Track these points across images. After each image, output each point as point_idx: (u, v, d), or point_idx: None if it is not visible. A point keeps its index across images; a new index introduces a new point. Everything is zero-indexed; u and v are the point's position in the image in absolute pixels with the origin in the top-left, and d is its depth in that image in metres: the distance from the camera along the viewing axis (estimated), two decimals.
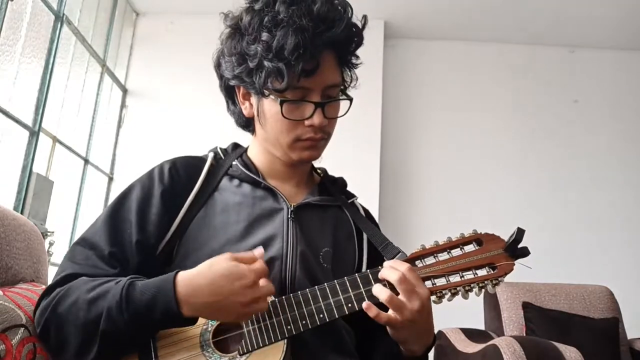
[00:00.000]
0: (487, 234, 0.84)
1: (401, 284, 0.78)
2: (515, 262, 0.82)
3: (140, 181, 0.94)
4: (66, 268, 0.85)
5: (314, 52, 0.85)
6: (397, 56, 3.85)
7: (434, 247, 0.84)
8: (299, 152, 0.94)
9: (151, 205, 0.90)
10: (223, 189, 0.95)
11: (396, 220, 3.55)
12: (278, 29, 0.85)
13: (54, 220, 2.80)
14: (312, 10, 0.86)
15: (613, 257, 3.51)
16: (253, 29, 0.88)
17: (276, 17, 0.86)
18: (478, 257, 0.82)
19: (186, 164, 0.97)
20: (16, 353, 0.77)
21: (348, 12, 0.91)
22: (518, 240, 0.82)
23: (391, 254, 0.92)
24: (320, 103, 0.89)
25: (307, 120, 0.90)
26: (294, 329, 0.79)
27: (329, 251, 0.94)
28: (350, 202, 1.06)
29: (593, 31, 3.76)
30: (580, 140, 3.78)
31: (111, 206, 0.91)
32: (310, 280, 0.88)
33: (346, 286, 0.82)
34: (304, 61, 0.85)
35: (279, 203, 0.95)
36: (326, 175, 1.09)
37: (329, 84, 0.90)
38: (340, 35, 0.88)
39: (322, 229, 0.97)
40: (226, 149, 1.05)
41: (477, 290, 0.81)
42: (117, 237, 0.87)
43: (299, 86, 0.88)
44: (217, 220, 0.91)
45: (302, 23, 0.85)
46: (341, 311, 0.80)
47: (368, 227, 1.01)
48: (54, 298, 0.80)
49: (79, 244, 0.87)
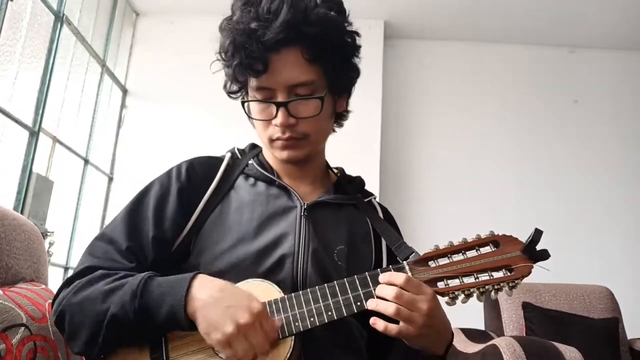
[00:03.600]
0: (504, 236, 0.82)
1: (399, 299, 0.76)
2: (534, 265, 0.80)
3: (159, 179, 0.96)
4: (85, 261, 0.87)
5: (257, 52, 0.85)
6: (397, 56, 3.85)
7: (448, 248, 0.82)
8: (278, 151, 0.95)
9: (168, 202, 0.92)
10: (239, 187, 0.97)
11: (396, 218, 3.53)
12: (224, 33, 0.90)
13: (54, 220, 2.80)
14: (255, 13, 0.87)
15: (613, 257, 3.51)
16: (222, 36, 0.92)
17: (229, 22, 0.90)
18: (495, 258, 0.80)
19: (203, 163, 0.99)
20: (16, 352, 0.77)
21: (309, 6, 0.88)
22: (535, 241, 0.79)
23: (404, 254, 0.91)
24: (280, 103, 0.89)
25: (273, 120, 0.91)
26: (302, 326, 0.79)
27: (344, 249, 0.94)
28: (368, 202, 1.05)
29: (593, 31, 3.76)
30: (580, 140, 3.77)
31: (130, 203, 0.94)
32: (323, 278, 0.87)
33: (356, 284, 0.81)
34: (248, 61, 0.86)
35: (293, 201, 0.95)
36: (343, 175, 1.08)
37: (293, 83, 0.88)
38: (295, 31, 0.86)
39: (336, 227, 0.96)
40: (244, 149, 1.06)
41: (493, 292, 0.79)
42: (135, 232, 0.89)
43: (263, 87, 0.89)
44: (231, 218, 0.92)
45: (241, 27, 0.86)
46: (349, 310, 0.80)
47: (382, 227, 1.00)
48: (72, 289, 0.82)
49: (98, 239, 0.90)
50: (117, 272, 0.83)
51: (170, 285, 0.78)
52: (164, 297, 0.77)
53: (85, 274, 0.84)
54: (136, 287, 0.78)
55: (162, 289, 0.78)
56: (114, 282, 0.80)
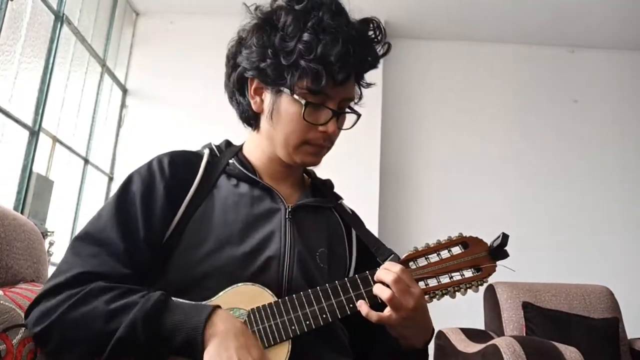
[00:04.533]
0: (471, 237, 0.89)
1: (396, 284, 0.80)
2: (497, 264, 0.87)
3: (138, 174, 0.92)
4: (74, 265, 0.80)
5: (352, 65, 0.89)
6: (397, 56, 3.85)
7: (425, 249, 0.88)
8: (302, 155, 0.95)
9: (155, 199, 0.89)
10: (221, 187, 0.95)
11: (396, 219, 3.54)
12: (325, 34, 0.88)
13: (54, 220, 2.80)
14: (355, 25, 0.92)
15: (613, 257, 3.51)
16: (294, 28, 0.89)
17: (321, 23, 0.89)
18: (465, 259, 0.87)
19: (184, 159, 0.96)
20: (17, 353, 0.77)
21: (381, 36, 0.96)
22: (503, 245, 0.86)
23: (385, 255, 0.94)
24: (337, 112, 0.92)
25: (321, 126, 0.91)
26: (299, 330, 0.80)
27: (325, 251, 0.96)
28: (339, 204, 1.07)
29: (593, 31, 3.76)
30: (580, 141, 3.77)
31: (115, 202, 0.88)
32: (307, 280, 0.89)
33: (347, 287, 0.84)
34: (345, 70, 0.88)
35: (277, 203, 0.95)
36: (315, 177, 1.10)
37: (348, 97, 0.95)
38: (373, 56, 0.94)
39: (317, 230, 0.98)
40: (219, 145, 1.04)
41: (464, 290, 0.86)
42: (128, 233, 0.85)
43: (325, 92, 0.90)
44: (215, 218, 0.91)
45: (352, 34, 0.89)
46: (343, 312, 0.83)
47: (360, 228, 1.03)
48: (64, 302, 0.76)
49: (83, 240, 0.84)
50: (119, 287, 0.78)
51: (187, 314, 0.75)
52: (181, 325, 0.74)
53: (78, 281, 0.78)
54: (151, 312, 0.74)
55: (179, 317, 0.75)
56: (119, 301, 0.76)
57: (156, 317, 0.74)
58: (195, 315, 0.75)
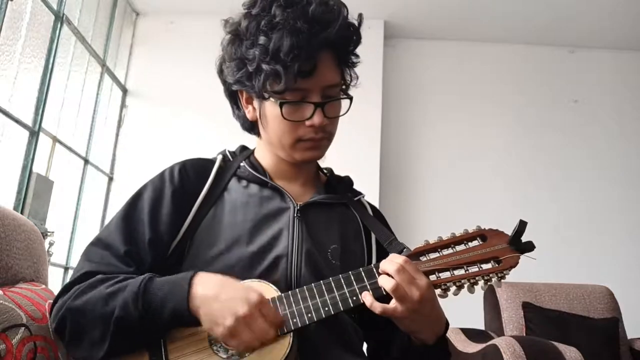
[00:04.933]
0: (490, 230, 0.85)
1: (399, 274, 0.79)
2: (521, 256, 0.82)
3: (151, 182, 0.97)
4: (83, 267, 0.87)
5: (310, 53, 0.87)
6: (397, 56, 3.85)
7: (438, 242, 0.85)
8: (301, 152, 0.95)
9: (163, 205, 0.93)
10: (231, 189, 0.97)
11: (396, 219, 3.53)
12: (274, 32, 0.87)
13: (54, 220, 2.80)
14: (307, 12, 0.88)
15: (613, 257, 3.51)
16: (250, 34, 0.90)
17: (272, 21, 0.88)
18: (482, 251, 0.83)
19: (196, 165, 0.99)
20: (16, 352, 0.77)
21: (343, 12, 0.92)
22: (520, 232, 0.82)
23: (396, 249, 0.93)
24: (319, 103, 0.91)
25: (307, 120, 0.91)
26: (300, 322, 0.80)
27: (337, 248, 0.96)
28: (357, 200, 1.07)
29: (593, 31, 3.76)
30: (580, 141, 3.77)
31: (124, 207, 0.94)
32: (317, 278, 0.88)
33: (351, 280, 0.83)
34: (300, 62, 0.86)
35: (286, 202, 0.96)
36: (332, 175, 1.10)
37: (328, 84, 0.92)
38: (336, 35, 0.90)
39: (329, 227, 0.98)
40: (234, 151, 1.07)
41: (483, 284, 0.82)
42: (131, 236, 0.90)
43: (298, 87, 0.89)
44: (225, 220, 0.93)
45: (297, 25, 0.86)
46: (346, 304, 0.82)
47: (374, 225, 1.03)
48: (72, 294, 0.82)
49: (94, 245, 0.90)
50: (117, 276, 0.84)
51: (171, 285, 0.80)
52: (166, 297, 0.79)
53: (84, 279, 0.84)
54: (137, 288, 0.79)
55: (164, 289, 0.79)
56: (115, 285, 0.81)
57: (144, 293, 0.78)
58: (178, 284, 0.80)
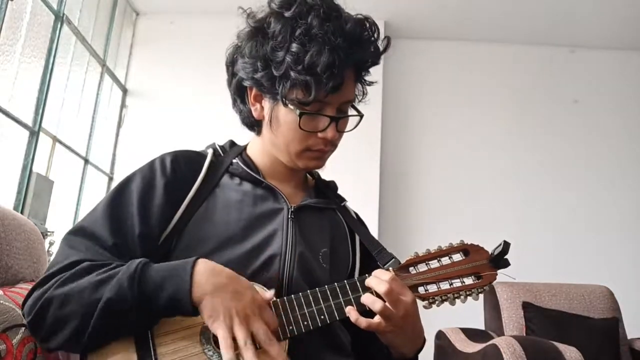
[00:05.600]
0: (472, 245, 0.89)
1: (388, 295, 0.80)
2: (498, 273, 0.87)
3: (140, 172, 0.93)
4: (69, 255, 0.80)
5: (343, 71, 0.87)
6: (398, 56, 3.85)
7: (426, 255, 0.88)
8: (305, 161, 0.95)
9: (154, 197, 0.89)
10: (224, 186, 0.95)
11: (396, 221, 3.54)
12: (312, 44, 0.86)
13: (54, 220, 2.80)
14: (345, 30, 0.88)
15: (613, 257, 3.51)
16: (283, 37, 0.87)
17: (309, 31, 0.86)
18: (465, 266, 0.88)
19: (187, 157, 0.96)
20: (17, 353, 0.77)
21: (376, 34, 0.93)
22: (504, 252, 0.86)
23: (384, 260, 0.95)
24: (336, 117, 0.91)
25: (320, 132, 0.91)
26: (296, 330, 0.80)
27: (327, 252, 0.96)
28: (343, 206, 1.08)
29: (593, 31, 3.76)
30: (580, 141, 3.77)
31: (111, 197, 0.89)
32: (308, 281, 0.89)
33: (346, 289, 0.84)
34: (333, 79, 0.86)
35: (280, 203, 0.96)
36: (319, 179, 1.10)
37: (346, 100, 0.93)
38: (368, 56, 0.91)
39: (320, 230, 0.98)
40: (223, 145, 1.05)
41: (464, 297, 0.87)
42: (120, 229, 0.85)
43: (319, 100, 0.89)
44: (218, 217, 0.91)
45: (337, 42, 0.86)
46: (341, 313, 0.82)
47: (361, 231, 1.04)
48: (54, 284, 0.76)
49: (76, 234, 0.84)
50: (109, 263, 0.79)
51: (171, 270, 0.76)
52: (164, 281, 0.75)
53: (69, 268, 0.78)
54: (134, 271, 0.74)
55: (163, 273, 0.75)
56: (107, 272, 0.76)
57: (140, 276, 0.74)
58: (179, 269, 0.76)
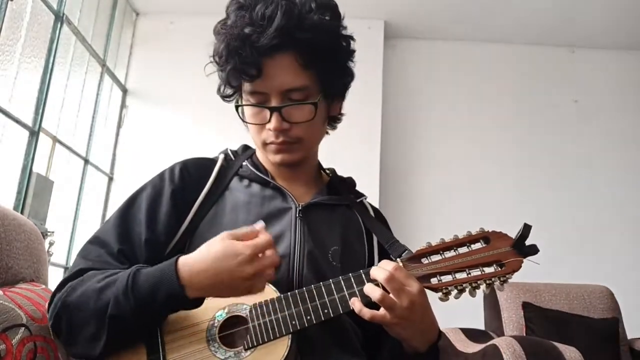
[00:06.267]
0: (494, 232, 0.83)
1: (389, 282, 0.78)
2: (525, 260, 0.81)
3: (151, 182, 0.96)
4: (78, 264, 0.87)
5: (251, 57, 0.86)
6: (397, 56, 3.85)
7: (440, 245, 0.83)
8: (271, 155, 0.96)
9: (161, 204, 0.92)
10: (233, 188, 0.97)
11: (397, 220, 3.53)
12: (220, 36, 0.90)
13: (54, 220, 2.80)
14: (252, 16, 0.87)
15: (613, 257, 3.50)
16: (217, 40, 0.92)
17: (225, 24, 0.90)
18: (485, 254, 0.81)
19: (197, 165, 0.99)
20: (16, 353, 0.77)
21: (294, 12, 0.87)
22: (525, 236, 0.81)
23: (397, 252, 0.92)
24: (274, 107, 0.90)
25: (266, 124, 0.91)
26: (299, 324, 0.80)
27: (338, 250, 0.95)
28: (359, 202, 1.06)
29: (593, 31, 3.76)
30: (581, 141, 3.77)
31: (123, 206, 0.94)
32: (318, 279, 0.88)
33: (350, 282, 0.83)
34: (243, 66, 0.87)
35: (288, 202, 0.96)
36: (335, 175, 1.09)
37: (286, 88, 0.89)
38: (288, 37, 0.86)
39: (330, 228, 0.97)
40: (236, 150, 1.06)
41: (485, 287, 0.80)
42: (127, 235, 0.89)
43: (256, 91, 0.90)
44: (226, 219, 0.92)
45: (235, 31, 0.87)
46: (345, 307, 0.81)
47: (375, 226, 1.02)
48: (66, 291, 0.82)
49: (91, 243, 0.90)
50: (108, 270, 0.83)
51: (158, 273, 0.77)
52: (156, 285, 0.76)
53: (79, 275, 0.84)
54: (125, 282, 0.77)
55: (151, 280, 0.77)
56: (106, 279, 0.80)
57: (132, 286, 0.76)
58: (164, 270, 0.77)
